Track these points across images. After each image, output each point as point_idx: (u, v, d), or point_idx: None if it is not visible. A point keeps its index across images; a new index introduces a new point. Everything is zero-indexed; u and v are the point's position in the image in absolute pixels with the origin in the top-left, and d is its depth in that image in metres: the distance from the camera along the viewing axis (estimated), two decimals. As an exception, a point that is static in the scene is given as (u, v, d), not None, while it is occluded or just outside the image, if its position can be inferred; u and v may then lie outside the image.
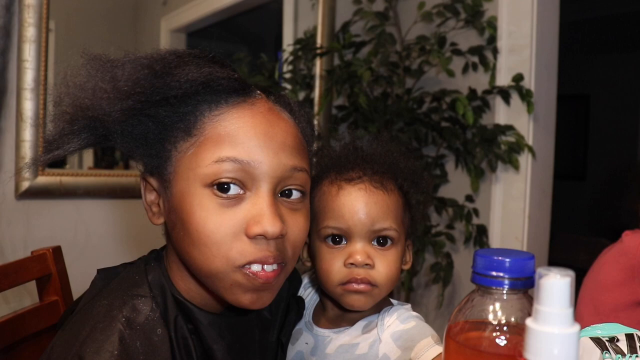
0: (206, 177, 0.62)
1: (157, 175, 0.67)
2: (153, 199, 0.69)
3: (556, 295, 0.37)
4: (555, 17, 1.92)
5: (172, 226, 0.66)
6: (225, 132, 0.63)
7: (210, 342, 0.67)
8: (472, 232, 1.83)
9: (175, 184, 0.64)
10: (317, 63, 2.01)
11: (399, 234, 0.76)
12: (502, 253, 0.46)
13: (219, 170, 0.62)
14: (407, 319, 0.76)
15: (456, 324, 0.47)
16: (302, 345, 0.80)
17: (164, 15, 1.93)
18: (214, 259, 0.62)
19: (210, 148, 0.62)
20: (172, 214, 0.65)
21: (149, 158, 0.66)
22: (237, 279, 0.63)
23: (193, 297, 0.68)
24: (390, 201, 0.76)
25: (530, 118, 1.83)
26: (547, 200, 1.96)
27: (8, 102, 1.49)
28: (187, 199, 0.63)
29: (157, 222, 0.69)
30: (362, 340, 0.76)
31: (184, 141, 0.63)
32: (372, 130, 1.95)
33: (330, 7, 2.02)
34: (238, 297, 0.64)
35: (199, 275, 0.66)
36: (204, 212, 0.62)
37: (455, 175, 2.01)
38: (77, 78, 0.62)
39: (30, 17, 1.47)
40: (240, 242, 0.62)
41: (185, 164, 0.63)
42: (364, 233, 0.75)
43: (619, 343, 0.58)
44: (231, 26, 2.15)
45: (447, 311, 2.00)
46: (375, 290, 0.75)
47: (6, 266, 0.87)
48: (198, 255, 0.63)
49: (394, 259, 0.76)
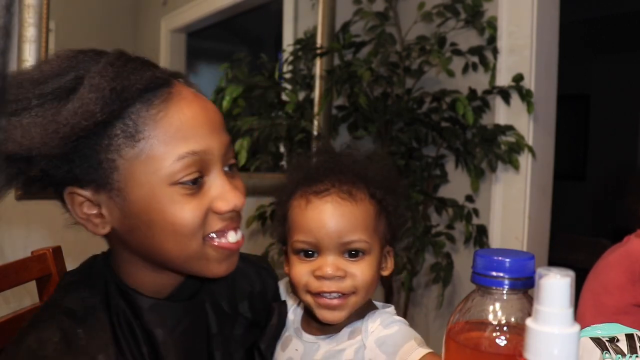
0: (171, 176, 0.64)
1: (95, 187, 0.65)
2: (89, 212, 0.67)
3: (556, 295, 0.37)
4: (555, 17, 1.92)
5: (129, 230, 0.67)
6: (173, 128, 0.64)
7: (152, 326, 0.69)
8: (472, 232, 1.84)
9: (132, 191, 0.64)
10: (317, 63, 2.01)
11: (370, 244, 0.76)
12: (502, 253, 0.46)
13: (183, 167, 0.64)
14: (390, 324, 0.76)
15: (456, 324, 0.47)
16: (292, 351, 0.81)
17: (164, 15, 1.93)
18: (191, 244, 0.67)
19: (164, 147, 0.63)
20: (131, 219, 0.66)
21: (85, 173, 0.64)
22: (211, 255, 0.69)
23: (139, 286, 0.71)
24: (358, 212, 0.76)
25: (530, 118, 1.84)
26: (547, 200, 1.96)
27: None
28: (155, 200, 0.64)
29: (103, 232, 0.68)
30: (348, 347, 0.77)
31: (131, 148, 0.63)
32: (372, 131, 1.95)
33: (330, 7, 2.02)
34: (214, 270, 0.70)
35: (174, 264, 0.69)
36: (177, 207, 0.65)
37: (455, 175, 2.01)
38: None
39: (30, 17, 1.47)
40: (211, 221, 0.68)
41: (141, 170, 0.64)
42: (333, 246, 0.75)
43: (619, 343, 0.58)
44: (231, 26, 2.15)
45: (447, 311, 2.00)
46: (352, 298, 0.75)
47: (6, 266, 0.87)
48: (174, 246, 0.66)
49: (368, 267, 0.76)
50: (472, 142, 1.84)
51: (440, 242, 1.84)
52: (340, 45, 1.94)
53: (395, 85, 1.90)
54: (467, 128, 1.86)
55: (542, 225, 1.94)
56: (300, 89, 2.04)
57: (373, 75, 1.79)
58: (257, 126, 1.76)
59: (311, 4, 2.08)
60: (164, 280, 0.72)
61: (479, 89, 1.87)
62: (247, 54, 2.02)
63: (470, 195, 1.90)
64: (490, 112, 1.90)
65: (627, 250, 1.42)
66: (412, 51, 1.90)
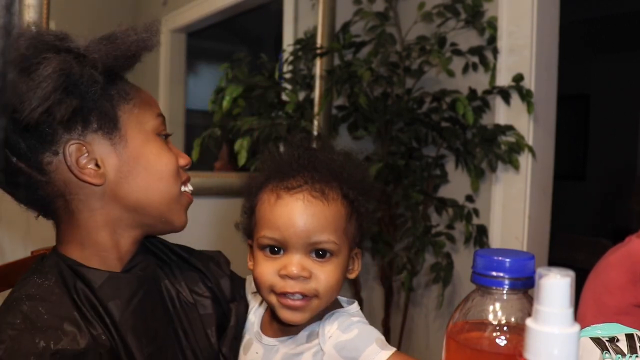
0: (156, 128, 0.80)
1: (103, 134, 0.75)
2: (86, 163, 0.74)
3: (556, 295, 0.37)
4: (555, 17, 1.92)
5: (124, 176, 0.76)
6: (146, 95, 0.82)
7: (106, 299, 0.74)
8: (472, 232, 1.83)
9: (131, 137, 0.77)
10: (317, 63, 2.00)
11: (339, 246, 0.73)
12: (502, 253, 0.46)
13: (160, 122, 0.81)
14: (349, 327, 0.73)
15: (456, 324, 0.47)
16: (253, 355, 0.79)
17: (164, 15, 1.93)
18: (174, 187, 0.80)
19: (146, 107, 0.80)
20: (129, 164, 0.76)
21: (100, 119, 0.75)
22: (183, 201, 0.82)
23: (91, 261, 0.76)
24: (329, 212, 0.73)
25: (530, 118, 1.83)
26: (547, 200, 1.96)
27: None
28: (150, 145, 0.78)
29: (98, 181, 0.75)
30: (305, 350, 0.74)
31: (126, 103, 0.78)
32: (372, 131, 1.95)
33: (330, 7, 2.02)
34: (182, 218, 0.82)
35: (156, 208, 0.79)
36: (164, 153, 0.80)
37: (455, 175, 2.01)
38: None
39: (30, 17, 1.47)
40: (180, 171, 0.82)
41: (135, 120, 0.78)
42: (300, 245, 0.72)
43: (619, 343, 0.58)
44: (231, 26, 2.15)
45: (447, 311, 2.00)
46: (315, 302, 0.73)
47: (6, 266, 0.87)
48: (164, 187, 0.79)
49: (334, 270, 0.73)
50: (472, 142, 1.84)
51: (440, 242, 1.84)
52: (340, 45, 1.94)
53: (395, 85, 1.90)
54: (467, 128, 1.86)
55: (542, 225, 1.94)
56: (300, 89, 2.04)
57: (373, 75, 1.79)
58: (257, 126, 1.76)
59: (311, 4, 2.08)
60: (123, 246, 0.79)
61: (479, 89, 1.87)
62: (247, 54, 2.02)
63: (470, 195, 1.90)
64: (490, 112, 1.90)
65: (628, 251, 1.42)
66: (412, 51, 1.90)
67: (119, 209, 0.77)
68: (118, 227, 0.78)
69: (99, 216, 0.76)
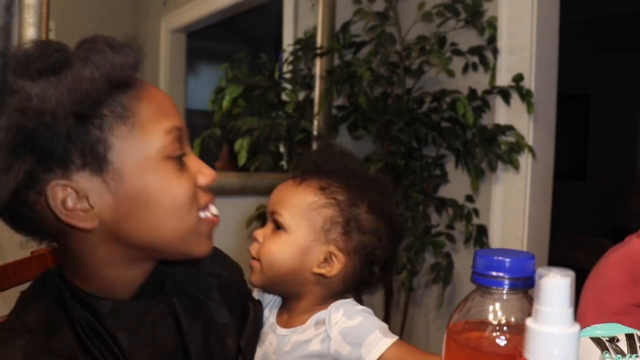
0: (163, 150, 0.66)
1: (89, 172, 0.63)
2: (75, 205, 0.63)
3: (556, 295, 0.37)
4: (555, 17, 1.92)
5: (122, 216, 0.65)
6: (155, 105, 0.67)
7: (114, 329, 0.67)
8: (472, 232, 1.83)
9: (128, 170, 0.64)
10: (317, 63, 2.00)
11: (288, 222, 0.80)
12: (502, 253, 0.46)
13: (171, 140, 0.67)
14: (353, 315, 0.77)
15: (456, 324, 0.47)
16: (267, 346, 0.83)
17: (164, 15, 1.93)
18: (189, 218, 0.69)
19: (153, 122, 0.66)
20: (126, 203, 0.65)
21: (81, 155, 0.62)
22: (202, 230, 0.71)
23: (98, 289, 0.69)
24: (293, 192, 0.82)
25: (530, 118, 1.83)
26: (547, 200, 1.96)
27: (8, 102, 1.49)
28: (153, 176, 0.65)
29: (89, 225, 0.64)
30: (313, 337, 0.78)
31: (122, 124, 0.64)
32: (372, 131, 1.95)
33: (330, 7, 2.02)
34: (203, 247, 0.72)
35: (168, 245, 0.69)
36: (173, 181, 0.67)
37: (455, 175, 2.01)
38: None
39: (30, 17, 1.47)
40: (199, 195, 0.70)
41: (134, 146, 0.65)
42: (269, 214, 0.83)
43: (619, 343, 0.58)
44: (231, 26, 2.15)
45: (447, 311, 2.00)
46: (257, 266, 0.82)
47: (6, 266, 0.87)
48: (174, 223, 0.67)
49: (280, 243, 0.81)
50: (472, 142, 1.84)
51: (440, 242, 1.84)
52: (340, 45, 1.94)
53: (395, 85, 1.90)
54: (467, 128, 1.86)
55: (542, 225, 1.94)
56: (300, 89, 2.04)
57: (373, 75, 1.79)
58: (257, 126, 1.76)
59: (311, 4, 2.08)
60: (131, 277, 0.71)
61: (479, 89, 1.87)
62: (247, 54, 2.02)
63: (470, 195, 1.90)
64: (490, 112, 1.90)
65: (628, 250, 1.42)
66: (412, 51, 1.90)
67: (124, 247, 0.68)
68: (125, 263, 0.69)
69: (101, 254, 0.67)
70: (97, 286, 0.68)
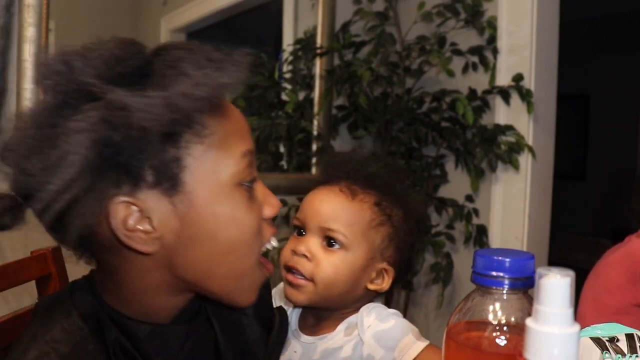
0: (237, 175, 0.60)
1: (160, 191, 0.57)
2: (137, 225, 0.57)
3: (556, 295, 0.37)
4: (555, 17, 1.92)
5: (185, 242, 0.59)
6: (233, 126, 0.61)
7: (152, 355, 0.62)
8: (472, 232, 1.84)
9: (199, 193, 0.58)
10: (317, 63, 2.01)
11: (350, 241, 0.76)
12: (502, 253, 0.46)
13: (245, 165, 0.61)
14: (386, 318, 0.76)
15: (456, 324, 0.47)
16: (291, 353, 0.81)
17: (164, 15, 1.93)
18: (251, 255, 0.63)
19: (229, 144, 0.60)
20: (192, 229, 0.59)
21: (155, 173, 0.56)
22: (257, 279, 0.65)
23: (136, 313, 0.63)
24: (350, 207, 0.77)
25: (530, 118, 1.83)
26: (547, 200, 1.96)
27: (8, 102, 1.49)
28: (223, 203, 0.59)
29: (150, 249, 0.58)
30: (345, 343, 0.77)
31: (200, 144, 0.57)
32: (372, 131, 1.95)
33: (330, 7, 2.02)
34: (249, 298, 0.65)
35: (219, 284, 0.62)
36: (242, 211, 0.61)
37: (455, 175, 2.01)
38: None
39: (30, 17, 1.47)
40: (263, 227, 0.64)
41: (209, 169, 0.58)
42: (315, 228, 0.77)
43: (619, 343, 0.58)
44: (231, 26, 2.15)
45: (447, 311, 2.00)
46: (310, 287, 0.76)
47: (6, 266, 0.87)
48: (236, 258, 0.61)
49: (339, 263, 0.76)
50: (472, 142, 1.84)
51: (440, 242, 1.84)
52: (340, 45, 1.94)
53: (395, 85, 1.90)
54: (467, 128, 1.86)
55: (542, 225, 1.94)
56: (300, 89, 2.04)
57: (373, 75, 1.79)
58: (257, 126, 1.76)
59: (311, 4, 2.08)
60: (173, 304, 0.65)
61: (479, 89, 1.87)
62: (247, 54, 2.02)
63: (470, 195, 1.90)
64: (490, 112, 1.90)
65: (628, 250, 1.42)
66: (412, 51, 1.90)
67: (174, 277, 0.62)
68: (171, 291, 0.63)
69: (150, 280, 0.61)
70: (136, 310, 0.63)
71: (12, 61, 1.49)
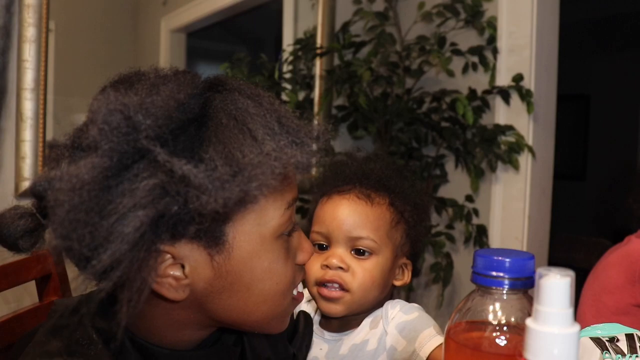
0: (279, 227, 0.57)
1: (200, 243, 0.53)
2: (170, 272, 0.54)
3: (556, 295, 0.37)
4: (555, 17, 1.92)
5: (216, 291, 0.56)
6: (282, 175, 0.55)
7: None
8: (472, 232, 1.83)
9: (238, 246, 0.55)
10: (317, 63, 2.01)
11: (378, 245, 0.78)
12: (502, 253, 0.46)
13: (289, 216, 0.58)
14: (409, 310, 0.79)
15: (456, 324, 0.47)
16: (316, 351, 0.82)
17: (164, 15, 1.93)
18: (284, 302, 0.60)
19: (276, 197, 0.56)
20: (226, 280, 0.55)
21: (197, 225, 0.51)
22: (290, 310, 0.63)
23: (161, 341, 0.59)
24: (372, 212, 0.79)
25: (530, 118, 1.83)
26: (547, 200, 1.96)
27: (8, 102, 1.49)
28: (262, 257, 0.56)
29: (179, 296, 0.54)
30: (371, 336, 0.79)
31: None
32: (372, 131, 1.95)
33: (330, 7, 2.02)
34: (282, 326, 0.63)
35: (252, 325, 0.60)
36: (280, 263, 0.58)
37: (455, 175, 2.01)
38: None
39: (30, 17, 1.47)
40: (296, 274, 0.61)
41: (252, 221, 0.55)
42: (342, 239, 0.78)
43: (619, 343, 0.58)
44: (231, 26, 2.15)
45: (447, 311, 2.00)
46: (347, 297, 0.78)
47: (6, 266, 0.87)
48: (269, 307, 0.58)
49: (372, 269, 0.78)
50: (472, 142, 1.84)
51: (440, 242, 1.84)
52: (340, 45, 1.94)
53: (395, 85, 1.90)
54: (467, 128, 1.86)
55: (542, 225, 1.94)
56: (300, 89, 2.04)
57: (373, 75, 1.79)
58: (257, 126, 1.76)
59: (311, 4, 2.08)
60: (198, 336, 0.62)
61: (479, 89, 1.87)
62: (247, 54, 2.02)
63: (470, 195, 1.90)
64: (490, 112, 1.90)
65: (628, 251, 1.42)
66: (412, 51, 1.90)
67: (202, 316, 0.58)
68: (197, 327, 0.60)
69: (176, 317, 0.58)
70: (158, 340, 0.59)
71: (12, 61, 1.49)
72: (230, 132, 0.51)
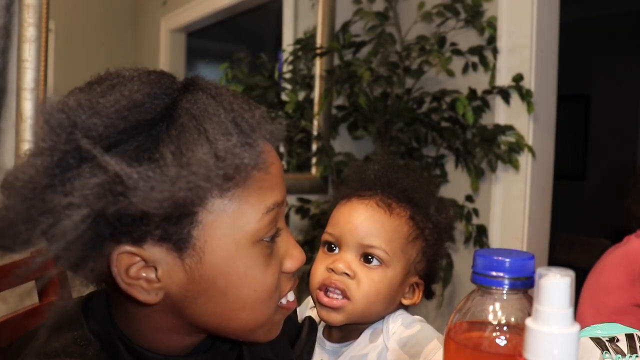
0: (257, 233, 0.54)
1: (166, 246, 0.52)
2: (140, 274, 0.53)
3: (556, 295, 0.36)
4: (555, 17, 1.92)
5: (192, 296, 0.54)
6: (263, 177, 0.54)
7: None
8: (472, 232, 1.83)
9: (210, 251, 0.53)
10: (317, 63, 2.01)
11: (390, 257, 0.75)
12: (502, 253, 0.46)
13: (269, 221, 0.55)
14: (411, 324, 0.76)
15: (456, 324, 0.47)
16: None
17: (164, 15, 1.93)
18: (266, 311, 0.57)
19: (254, 201, 0.54)
20: (200, 284, 0.54)
21: (161, 228, 0.50)
22: (277, 319, 0.61)
23: (153, 346, 0.59)
24: (389, 222, 0.76)
25: (530, 118, 1.83)
26: (547, 200, 1.96)
27: (8, 102, 1.49)
28: (237, 263, 0.54)
29: (151, 299, 0.53)
30: (370, 350, 0.76)
31: (219, 197, 0.52)
32: (372, 131, 1.95)
33: (330, 7, 2.02)
34: (271, 334, 0.61)
35: (235, 333, 0.59)
36: (259, 270, 0.55)
37: (455, 175, 2.01)
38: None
39: (30, 17, 1.47)
40: (282, 281, 0.59)
41: (225, 225, 0.53)
42: (353, 245, 0.76)
43: (619, 343, 0.58)
44: (231, 26, 2.15)
45: (447, 311, 2.00)
46: (349, 306, 0.74)
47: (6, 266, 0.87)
48: (248, 315, 0.56)
49: (380, 280, 0.75)
50: (472, 142, 1.84)
51: (440, 242, 1.84)
52: (340, 45, 1.94)
53: (395, 85, 1.90)
54: (467, 128, 1.86)
55: (542, 225, 1.94)
56: (300, 89, 2.04)
57: (373, 75, 1.79)
58: (257, 126, 1.76)
59: (311, 4, 2.08)
60: (188, 343, 0.61)
61: (479, 89, 1.87)
62: (247, 54, 2.02)
63: (470, 195, 1.90)
64: (490, 112, 1.90)
65: (627, 251, 1.42)
66: (412, 51, 1.90)
67: (182, 321, 0.57)
68: (183, 332, 0.59)
69: (159, 321, 0.57)
70: (149, 345, 0.59)
71: (12, 61, 1.49)
72: (188, 132, 0.50)
